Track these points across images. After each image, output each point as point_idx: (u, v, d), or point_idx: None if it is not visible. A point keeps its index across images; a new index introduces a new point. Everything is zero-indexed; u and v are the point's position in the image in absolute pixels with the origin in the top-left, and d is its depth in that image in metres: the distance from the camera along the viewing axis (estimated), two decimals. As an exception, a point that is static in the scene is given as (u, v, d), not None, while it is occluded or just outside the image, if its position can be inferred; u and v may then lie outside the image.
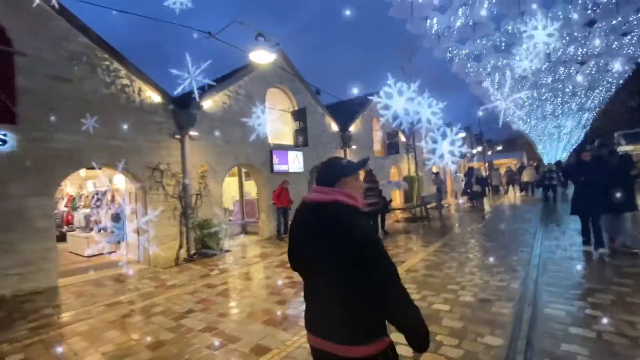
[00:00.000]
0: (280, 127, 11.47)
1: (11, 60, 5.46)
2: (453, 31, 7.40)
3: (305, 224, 1.41)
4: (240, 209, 11.92)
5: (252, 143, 9.40)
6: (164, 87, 7.43)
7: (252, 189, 11.83)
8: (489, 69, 10.76)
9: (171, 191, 7.42)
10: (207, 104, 8.38)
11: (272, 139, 10.39)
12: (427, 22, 7.27)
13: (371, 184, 8.21)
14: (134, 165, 6.88)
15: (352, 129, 14.07)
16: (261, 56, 5.74)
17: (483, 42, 8.67)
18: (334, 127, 13.21)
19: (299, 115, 11.02)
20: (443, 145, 4.19)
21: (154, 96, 7.31)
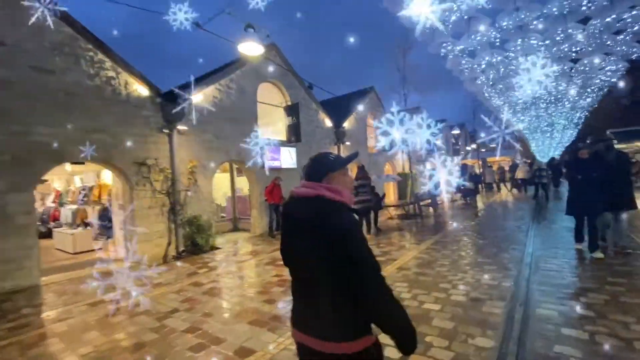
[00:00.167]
0: (273, 122, 11.32)
1: (-12, 50, 5.22)
2: (448, 25, 7.27)
3: (291, 219, 1.42)
4: (231, 206, 11.75)
5: (244, 138, 9.25)
6: (151, 79, 7.23)
7: (244, 185, 11.66)
8: (483, 66, 10.69)
9: (159, 187, 7.24)
10: (197, 97, 8.18)
11: (264, 135, 10.20)
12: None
13: (363, 181, 8.09)
14: (120, 160, 6.68)
15: (346, 125, 13.94)
16: (250, 48, 5.56)
17: (478, 38, 8.57)
18: (328, 123, 13.07)
19: (292, 110, 10.85)
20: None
21: (142, 89, 7.09)
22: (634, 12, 8.18)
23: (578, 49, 10.24)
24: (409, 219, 11.01)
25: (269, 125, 11.35)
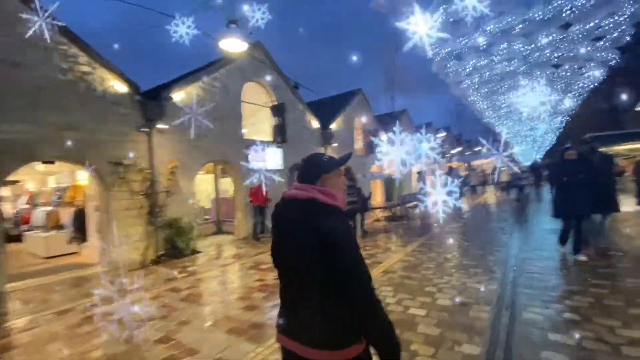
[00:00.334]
0: (259, 122, 11.11)
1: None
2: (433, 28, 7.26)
3: (282, 220, 1.39)
4: (215, 208, 11.45)
5: (228, 138, 9.01)
6: (131, 77, 6.93)
7: (229, 187, 11.37)
8: (469, 69, 10.81)
9: (137, 188, 6.92)
10: (179, 95, 7.91)
11: (249, 135, 10.00)
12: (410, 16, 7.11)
13: (349, 182, 7.99)
14: (95, 160, 6.33)
15: (333, 126, 13.84)
16: (232, 45, 5.36)
17: (465, 41, 8.64)
18: (315, 124, 12.93)
19: (278, 110, 10.66)
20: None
21: (119, 86, 6.78)
22: (613, 19, 8.40)
23: (559, 54, 10.48)
24: (395, 220, 10.99)
25: (255, 125, 11.14)
